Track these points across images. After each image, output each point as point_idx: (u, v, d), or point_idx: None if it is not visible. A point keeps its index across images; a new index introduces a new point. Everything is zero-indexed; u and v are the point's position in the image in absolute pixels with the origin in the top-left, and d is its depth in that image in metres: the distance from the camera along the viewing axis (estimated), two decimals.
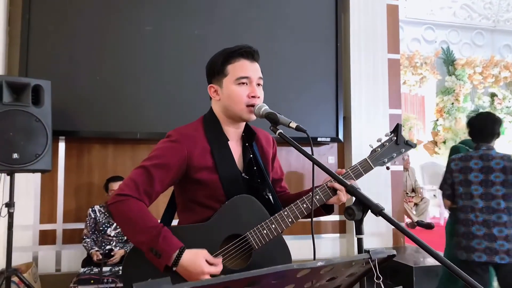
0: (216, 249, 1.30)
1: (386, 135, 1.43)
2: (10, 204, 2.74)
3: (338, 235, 4.28)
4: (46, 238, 3.55)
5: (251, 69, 1.37)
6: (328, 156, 4.29)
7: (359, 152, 4.19)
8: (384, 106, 4.33)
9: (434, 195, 6.92)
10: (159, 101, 3.59)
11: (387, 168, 1.43)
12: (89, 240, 3.30)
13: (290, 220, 1.32)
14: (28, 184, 3.48)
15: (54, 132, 3.22)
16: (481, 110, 8.42)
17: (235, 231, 1.32)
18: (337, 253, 4.28)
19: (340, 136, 4.05)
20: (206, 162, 1.34)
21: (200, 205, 1.36)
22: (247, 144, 1.45)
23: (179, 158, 1.31)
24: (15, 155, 2.63)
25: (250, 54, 1.37)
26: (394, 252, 0.75)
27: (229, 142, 1.40)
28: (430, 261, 3.80)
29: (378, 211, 0.90)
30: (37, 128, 2.75)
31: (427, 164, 7.72)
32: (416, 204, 6.23)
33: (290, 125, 1.19)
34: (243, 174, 1.40)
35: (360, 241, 0.92)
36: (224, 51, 1.38)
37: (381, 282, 0.71)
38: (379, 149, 1.41)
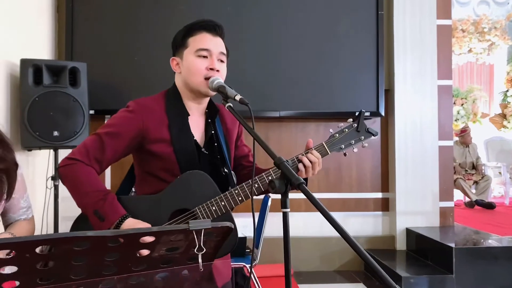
0: (163, 222, 1.32)
1: (348, 121, 1.40)
2: (54, 177, 3.02)
3: (380, 212, 4.13)
4: None
5: (213, 42, 1.36)
6: None
7: (403, 127, 3.97)
8: (433, 77, 4.02)
9: (500, 173, 6.35)
10: None
11: (344, 154, 1.40)
12: None
13: (240, 198, 1.31)
14: None
15: (97, 111, 3.47)
16: None
17: (184, 205, 1.32)
18: (379, 231, 4.14)
19: (381, 110, 3.85)
20: (162, 135, 1.34)
21: (156, 178, 1.36)
22: (209, 120, 1.44)
23: (133, 128, 1.31)
24: (55, 133, 2.87)
25: (212, 27, 1.38)
26: (229, 224, 0.71)
27: (190, 117, 1.40)
28: (476, 243, 3.55)
29: (298, 184, 0.86)
30: (74, 107, 2.96)
31: (493, 139, 7.05)
32: (476, 182, 5.78)
33: (235, 97, 1.18)
34: (203, 149, 1.40)
35: (285, 215, 0.88)
36: (187, 25, 1.39)
37: (200, 255, 0.68)
38: (337, 135, 1.38)
